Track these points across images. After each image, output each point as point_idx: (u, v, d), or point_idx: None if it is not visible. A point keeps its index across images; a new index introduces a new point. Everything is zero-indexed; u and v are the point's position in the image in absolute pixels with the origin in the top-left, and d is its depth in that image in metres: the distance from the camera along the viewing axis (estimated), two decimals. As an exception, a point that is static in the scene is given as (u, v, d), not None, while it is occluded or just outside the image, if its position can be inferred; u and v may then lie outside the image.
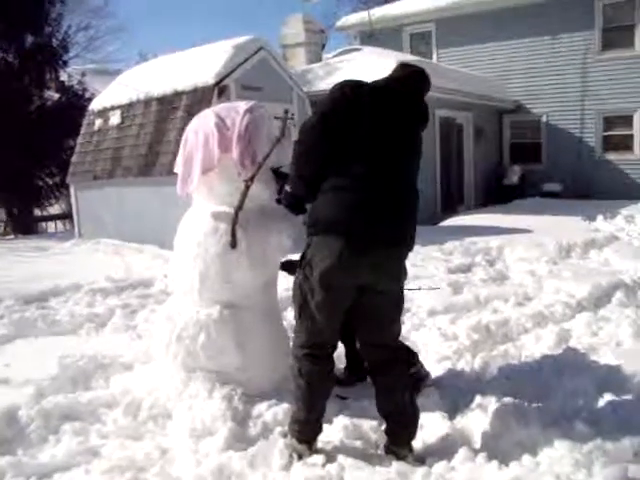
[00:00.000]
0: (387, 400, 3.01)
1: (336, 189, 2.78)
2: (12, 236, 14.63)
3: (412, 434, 3.00)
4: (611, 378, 3.72)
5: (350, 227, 2.73)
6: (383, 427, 3.11)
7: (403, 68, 3.03)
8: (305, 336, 2.94)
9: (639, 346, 4.47)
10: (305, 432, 2.97)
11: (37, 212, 17.43)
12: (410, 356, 3.59)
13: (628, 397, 3.42)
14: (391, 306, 2.97)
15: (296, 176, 2.97)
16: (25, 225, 16.12)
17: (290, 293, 3.07)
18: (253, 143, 3.47)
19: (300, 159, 2.91)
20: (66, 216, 15.81)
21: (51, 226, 16.94)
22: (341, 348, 3.53)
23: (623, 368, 3.83)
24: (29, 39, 16.16)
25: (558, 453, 2.78)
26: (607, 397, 3.41)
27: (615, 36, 15.32)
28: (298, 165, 2.93)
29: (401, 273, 2.97)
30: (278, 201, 3.30)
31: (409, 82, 2.95)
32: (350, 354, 3.79)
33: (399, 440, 2.98)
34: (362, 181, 2.76)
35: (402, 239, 2.88)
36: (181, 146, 3.71)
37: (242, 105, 3.64)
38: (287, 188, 3.06)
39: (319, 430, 3.01)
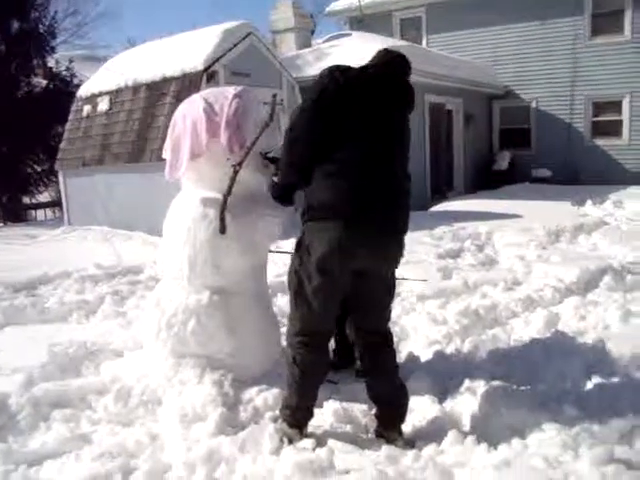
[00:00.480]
0: (377, 384, 3.03)
1: (329, 175, 2.77)
2: (1, 224, 14.55)
3: (402, 417, 3.02)
4: (598, 361, 3.75)
5: (346, 212, 2.73)
6: (373, 411, 3.13)
7: (384, 54, 3.00)
8: (300, 324, 2.93)
9: (626, 330, 4.51)
10: (296, 417, 2.98)
11: (26, 200, 17.32)
12: None
13: (615, 380, 3.45)
14: (385, 291, 2.98)
15: (287, 163, 2.95)
16: (14, 213, 16.03)
17: (280, 279, 3.08)
18: (242, 128, 3.44)
19: (292, 145, 2.88)
20: (55, 203, 15.71)
21: (40, 214, 16.82)
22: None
23: (610, 351, 3.86)
24: (15, 25, 15.97)
25: (546, 435, 2.81)
26: (594, 380, 3.44)
27: (605, 21, 15.31)
28: (290, 151, 2.90)
29: (397, 257, 2.96)
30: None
31: (393, 67, 2.94)
32: (340, 338, 3.79)
33: (389, 423, 3.01)
34: (355, 167, 2.75)
35: (395, 224, 2.88)
36: (169, 131, 3.68)
37: (231, 90, 3.61)
38: (275, 179, 3.03)
39: (310, 416, 3.03)
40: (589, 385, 3.41)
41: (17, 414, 3.28)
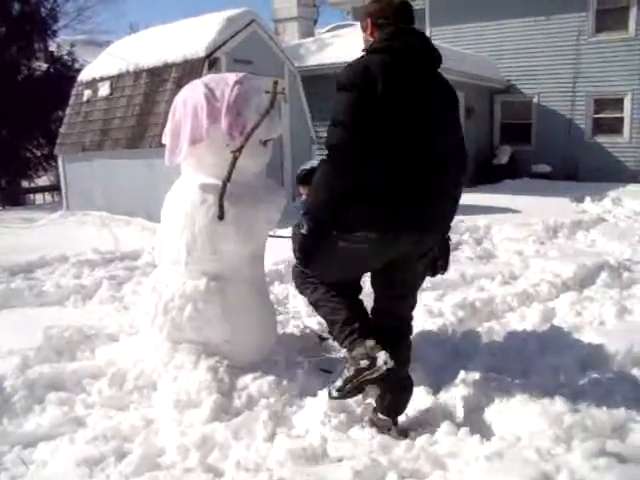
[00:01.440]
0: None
1: (363, 190, 2.66)
2: (-1, 207, 14.54)
3: (402, 407, 3.01)
4: (593, 356, 3.77)
5: (379, 226, 2.67)
6: (367, 401, 3.13)
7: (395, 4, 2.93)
8: (315, 277, 3.02)
9: (622, 326, 4.53)
10: (356, 327, 2.88)
11: (25, 184, 17.29)
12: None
13: (609, 375, 3.46)
14: (417, 278, 3.01)
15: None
16: (13, 196, 16.01)
17: (277, 267, 3.07)
18: (242, 115, 3.42)
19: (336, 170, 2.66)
20: (54, 188, 15.69)
21: (39, 198, 16.80)
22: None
23: (605, 347, 3.87)
24: (16, 7, 15.90)
25: (539, 428, 2.82)
26: (588, 375, 3.46)
27: (609, 18, 15.28)
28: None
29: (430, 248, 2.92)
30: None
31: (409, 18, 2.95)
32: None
33: (386, 410, 2.98)
34: (390, 172, 2.65)
35: (435, 219, 2.81)
36: (169, 116, 3.66)
37: (232, 76, 3.59)
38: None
39: (368, 320, 2.99)
40: (583, 380, 3.43)
41: (12, 396, 3.27)
